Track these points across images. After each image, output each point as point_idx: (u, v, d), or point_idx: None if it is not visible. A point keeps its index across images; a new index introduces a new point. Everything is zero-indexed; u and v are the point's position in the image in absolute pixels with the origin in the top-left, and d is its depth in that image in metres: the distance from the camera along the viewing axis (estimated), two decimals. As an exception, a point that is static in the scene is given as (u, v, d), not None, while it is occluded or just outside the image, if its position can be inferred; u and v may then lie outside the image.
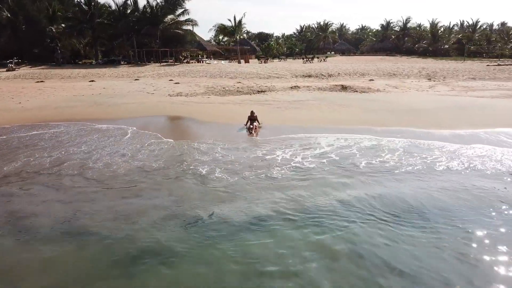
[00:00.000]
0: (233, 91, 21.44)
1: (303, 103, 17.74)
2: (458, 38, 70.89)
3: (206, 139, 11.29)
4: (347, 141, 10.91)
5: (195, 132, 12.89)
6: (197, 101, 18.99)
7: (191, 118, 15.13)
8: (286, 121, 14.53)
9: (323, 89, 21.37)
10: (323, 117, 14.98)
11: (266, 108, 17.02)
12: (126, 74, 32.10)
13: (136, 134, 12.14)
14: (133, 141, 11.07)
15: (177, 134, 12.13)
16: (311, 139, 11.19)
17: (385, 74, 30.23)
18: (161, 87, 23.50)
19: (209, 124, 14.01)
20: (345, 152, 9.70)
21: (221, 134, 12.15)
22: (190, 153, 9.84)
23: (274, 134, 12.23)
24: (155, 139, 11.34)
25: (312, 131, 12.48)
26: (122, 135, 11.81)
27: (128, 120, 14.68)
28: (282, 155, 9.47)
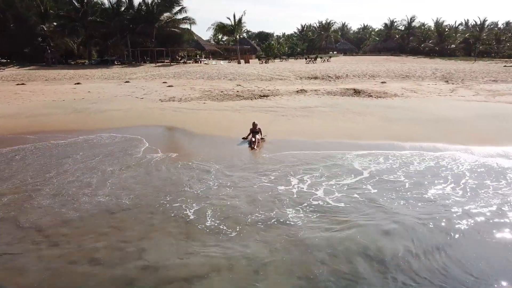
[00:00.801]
0: (232, 96, 19.16)
1: (312, 111, 15.47)
2: (465, 38, 68.70)
3: (199, 158, 9.08)
4: (379, 161, 8.65)
5: (186, 148, 10.62)
6: (191, 107, 16.72)
7: (183, 130, 12.88)
8: (294, 132, 12.30)
9: (333, 93, 19.09)
10: (337, 127, 12.74)
11: (270, 116, 14.78)
12: (117, 76, 29.80)
13: (113, 151, 9.88)
14: (107, 163, 8.80)
15: (164, 151, 9.87)
16: (330, 159, 8.93)
17: (397, 75, 27.96)
18: (152, 91, 21.22)
19: (203, 137, 11.79)
20: (385, 180, 7.43)
21: (218, 151, 9.96)
22: (177, 180, 7.59)
23: (282, 149, 10.06)
24: (135, 159, 9.08)
25: (328, 146, 10.26)
26: (95, 155, 9.52)
27: (109, 132, 12.45)
28: (298, 185, 7.22)
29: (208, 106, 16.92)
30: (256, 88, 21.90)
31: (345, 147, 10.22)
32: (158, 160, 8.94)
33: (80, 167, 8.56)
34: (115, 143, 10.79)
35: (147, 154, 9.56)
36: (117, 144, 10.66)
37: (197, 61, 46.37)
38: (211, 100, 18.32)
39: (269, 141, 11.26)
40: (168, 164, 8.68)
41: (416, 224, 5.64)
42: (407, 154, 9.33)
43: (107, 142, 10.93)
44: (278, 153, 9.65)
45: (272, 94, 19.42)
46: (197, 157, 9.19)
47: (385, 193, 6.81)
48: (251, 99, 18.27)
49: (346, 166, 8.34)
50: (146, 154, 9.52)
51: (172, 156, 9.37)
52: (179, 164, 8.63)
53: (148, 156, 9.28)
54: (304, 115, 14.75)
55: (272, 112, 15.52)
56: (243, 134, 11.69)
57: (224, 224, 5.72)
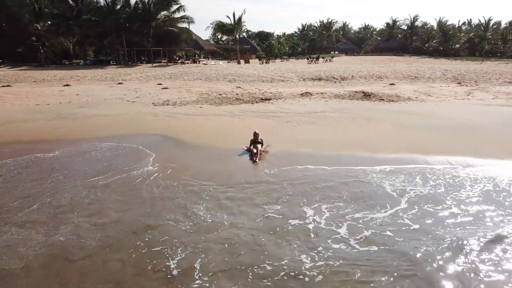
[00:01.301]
0: (231, 99, 17.68)
1: (320, 116, 14.00)
2: (470, 37, 67.22)
3: (190, 177, 7.63)
4: (416, 182, 7.15)
5: (177, 162, 9.13)
6: (186, 112, 15.25)
7: (176, 139, 11.42)
8: (301, 142, 10.85)
9: (341, 96, 17.61)
10: (348, 136, 11.27)
11: (273, 122, 13.33)
12: (110, 77, 28.30)
13: (92, 168, 8.40)
14: (79, 184, 7.32)
15: (149, 166, 8.41)
16: (349, 177, 7.48)
17: (406, 77, 26.49)
18: (145, 94, 19.74)
19: (198, 148, 10.35)
20: (432, 212, 5.87)
21: (214, 166, 8.53)
22: (161, 210, 6.12)
23: (288, 163, 8.63)
24: (111, 179, 7.59)
25: (342, 160, 8.83)
26: (67, 176, 8.03)
27: (92, 142, 11.00)
28: (313, 218, 5.75)
29: (205, 111, 15.46)
30: (257, 90, 20.42)
31: (362, 161, 8.77)
32: (139, 181, 7.46)
33: (47, 187, 7.09)
34: (93, 158, 9.31)
35: (128, 171, 8.09)
36: (94, 159, 9.18)
37: (195, 61, 44.86)
38: (208, 104, 16.85)
39: (273, 153, 9.82)
40: (151, 185, 7.21)
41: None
42: (449, 171, 7.85)
43: (85, 157, 9.46)
44: (285, 168, 8.22)
45: (274, 97, 17.94)
46: (188, 176, 7.73)
47: (437, 234, 5.29)
48: (252, 103, 16.80)
49: (374, 190, 6.85)
50: (126, 172, 8.05)
51: (159, 174, 7.89)
52: (165, 186, 7.16)
53: (128, 175, 7.81)
54: (310, 122, 13.29)
55: (275, 117, 14.06)
56: (243, 143, 10.33)
57: (218, 283, 4.24)
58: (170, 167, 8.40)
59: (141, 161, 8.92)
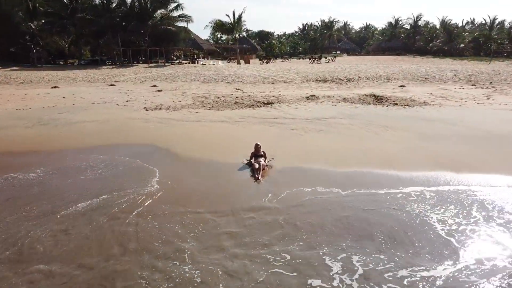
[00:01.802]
0: (231, 103, 16.22)
1: (329, 123, 12.55)
2: (475, 37, 65.75)
3: (178, 201, 6.30)
4: (476, 219, 5.68)
5: (163, 183, 7.67)
6: (180, 118, 13.81)
7: (167, 150, 10.00)
8: (310, 155, 9.44)
9: (350, 100, 16.13)
10: (364, 148, 9.83)
11: (277, 130, 11.90)
12: (102, 78, 26.81)
13: (64, 192, 6.96)
14: (43, 214, 5.86)
15: (132, 188, 6.98)
16: (372, 205, 6.07)
17: (415, 78, 25.02)
18: (137, 97, 18.27)
19: (191, 162, 8.96)
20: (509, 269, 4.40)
21: (209, 184, 7.22)
22: (128, 260, 4.65)
23: (296, 183, 7.34)
24: (87, 214, 6.13)
25: (359, 179, 7.53)
26: (29, 204, 6.57)
27: (71, 155, 9.60)
28: (341, 276, 4.29)
29: (201, 116, 14.01)
30: (258, 93, 18.95)
31: (383, 180, 7.40)
32: (111, 213, 6.00)
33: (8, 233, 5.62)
34: (60, 177, 7.84)
35: (106, 193, 6.64)
36: (63, 178, 7.71)
37: (194, 61, 43.36)
38: (205, 109, 15.39)
39: (278, 169, 8.41)
40: (133, 217, 5.75)
41: None
42: (499, 196, 6.42)
43: (56, 173, 7.99)
44: (292, 191, 6.82)
45: (277, 101, 16.47)
46: (177, 201, 6.33)
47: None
48: (253, 107, 15.34)
49: (413, 225, 5.39)
50: (103, 193, 6.60)
51: (136, 198, 6.44)
52: (150, 217, 5.71)
53: (100, 203, 6.35)
54: (318, 129, 11.84)
55: (278, 124, 12.62)
56: (243, 155, 9.04)
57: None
58: (154, 191, 6.94)
59: (114, 184, 7.44)
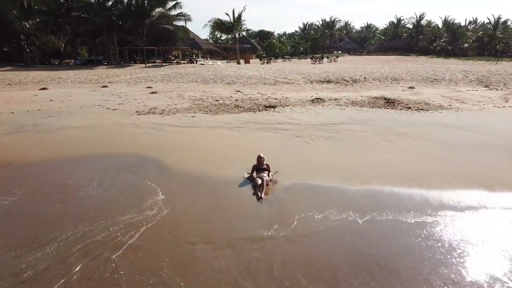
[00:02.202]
0: (230, 106, 15.02)
1: (338, 130, 11.35)
2: (479, 37, 64.58)
3: (165, 229, 5.11)
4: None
5: (150, 204, 6.48)
6: (174, 123, 12.61)
7: (156, 162, 8.83)
8: (318, 166, 8.32)
9: (359, 103, 14.93)
10: (380, 159, 8.67)
11: (280, 137, 10.73)
12: (95, 79, 25.58)
13: (25, 218, 5.76)
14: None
15: (110, 215, 5.79)
16: (404, 239, 4.89)
17: (424, 79, 23.82)
18: (130, 99, 17.07)
19: (184, 177, 7.82)
20: None
21: (203, 204, 6.11)
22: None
23: (305, 206, 6.35)
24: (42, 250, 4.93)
25: (379, 201, 6.51)
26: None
27: (49, 168, 8.46)
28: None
29: (197, 121, 12.82)
30: (260, 95, 17.73)
31: (408, 202, 6.32)
32: (93, 243, 4.81)
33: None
34: (28, 201, 6.63)
35: (78, 221, 5.43)
36: (29, 203, 6.51)
37: (192, 61, 42.14)
38: (202, 112, 14.21)
39: (285, 186, 7.26)
40: (107, 258, 4.53)
41: None
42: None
43: (25, 196, 6.78)
44: (302, 217, 5.72)
45: (280, 104, 15.27)
46: (158, 236, 5.14)
47: None
48: (254, 112, 14.15)
49: (462, 272, 4.19)
50: (76, 223, 5.39)
51: (113, 230, 5.23)
52: (119, 260, 4.50)
53: (72, 230, 5.14)
54: (327, 137, 10.65)
55: (282, 131, 11.43)
56: (244, 167, 8.02)
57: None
58: (136, 217, 5.73)
59: (87, 210, 6.25)
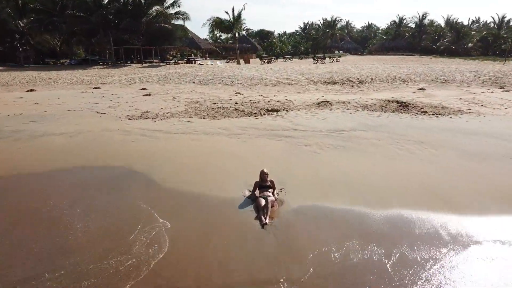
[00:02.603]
0: (229, 110, 13.84)
1: (349, 137, 10.18)
2: (483, 36, 63.43)
3: (143, 276, 3.91)
4: None
5: (124, 241, 5.29)
6: (168, 129, 11.43)
7: (144, 176, 7.71)
8: (330, 182, 7.23)
9: (369, 107, 13.74)
10: (400, 173, 7.56)
11: (285, 146, 9.59)
12: (88, 79, 24.37)
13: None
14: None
15: (79, 250, 4.61)
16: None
17: (433, 80, 22.64)
18: (122, 102, 15.88)
19: (173, 196, 6.67)
20: None
21: (195, 235, 5.09)
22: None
23: (319, 237, 5.28)
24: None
25: (410, 231, 5.44)
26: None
27: (18, 182, 7.32)
28: None
29: (193, 127, 11.64)
30: (261, 98, 16.54)
31: (445, 231, 5.28)
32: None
33: None
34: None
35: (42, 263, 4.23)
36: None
37: (191, 61, 40.90)
38: (199, 117, 13.02)
39: (293, 208, 6.16)
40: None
41: None
42: None
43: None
44: (316, 254, 4.59)
45: (283, 107, 14.08)
46: (146, 272, 3.96)
47: None
48: (255, 116, 12.96)
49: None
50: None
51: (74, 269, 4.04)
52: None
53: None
54: (337, 146, 9.49)
55: (287, 138, 10.26)
56: (244, 183, 7.05)
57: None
58: (108, 255, 4.52)
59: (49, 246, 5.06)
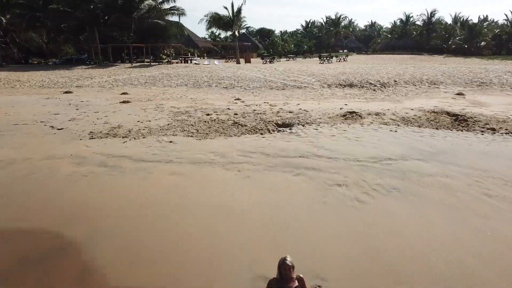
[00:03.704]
0: (226, 124, 10.47)
1: (402, 171, 6.90)
2: (496, 34, 60.07)
3: None
4: None
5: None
6: (140, 154, 8.08)
7: (80, 259, 4.33)
8: (403, 273, 3.70)
9: (413, 121, 10.33)
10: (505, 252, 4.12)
11: (309, 186, 6.36)
12: (63, 82, 20.96)
13: None
14: None
15: None
16: None
17: (467, 82, 19.30)
18: (91, 111, 12.50)
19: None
20: None
21: None
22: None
23: None
24: None
25: None
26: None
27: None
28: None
29: (176, 151, 8.30)
30: (267, 106, 13.15)
31: None
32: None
33: None
34: None
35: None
36: None
37: (186, 60, 37.48)
38: (185, 134, 9.67)
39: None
40: None
41: None
42: None
43: None
44: None
45: (298, 120, 10.70)
46: None
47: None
48: (261, 133, 9.60)
49: None
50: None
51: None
52: None
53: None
54: (390, 188, 6.25)
55: (310, 171, 6.99)
56: (252, 275, 3.57)
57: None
58: None
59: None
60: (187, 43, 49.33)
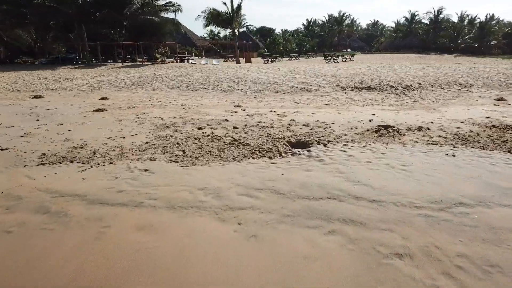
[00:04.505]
0: (222, 141, 7.97)
1: (488, 228, 4.30)
2: (507, 33, 57.77)
3: None
4: None
5: None
6: (98, 193, 5.52)
7: None
8: None
9: (472, 140, 7.85)
10: None
11: (350, 256, 3.58)
12: (36, 85, 18.43)
13: None
14: None
15: None
16: None
17: (501, 85, 16.85)
18: (52, 124, 10.02)
19: None
20: None
21: None
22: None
23: None
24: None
25: None
26: None
27: None
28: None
29: (150, 188, 5.75)
30: (275, 116, 10.64)
31: None
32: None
33: None
34: None
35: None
36: None
37: (182, 59, 34.97)
38: (167, 157, 7.16)
39: None
40: None
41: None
42: None
43: None
44: None
45: (317, 137, 8.21)
46: None
47: None
48: (270, 157, 7.08)
49: None
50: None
51: None
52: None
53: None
54: (486, 263, 3.62)
55: (349, 227, 4.41)
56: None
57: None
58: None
59: None
60: (184, 41, 46.87)
